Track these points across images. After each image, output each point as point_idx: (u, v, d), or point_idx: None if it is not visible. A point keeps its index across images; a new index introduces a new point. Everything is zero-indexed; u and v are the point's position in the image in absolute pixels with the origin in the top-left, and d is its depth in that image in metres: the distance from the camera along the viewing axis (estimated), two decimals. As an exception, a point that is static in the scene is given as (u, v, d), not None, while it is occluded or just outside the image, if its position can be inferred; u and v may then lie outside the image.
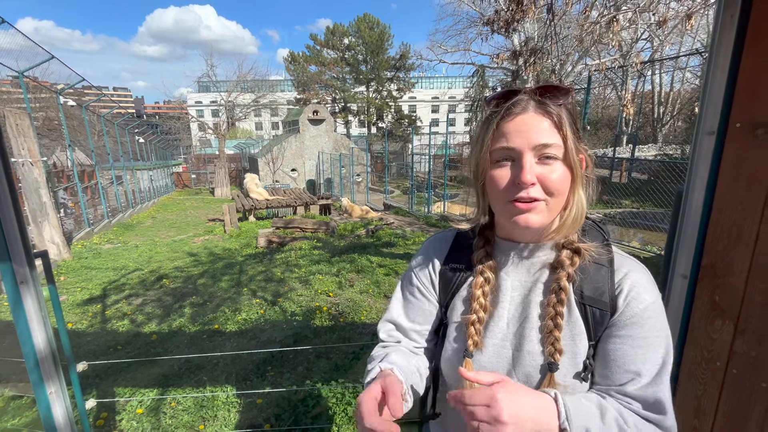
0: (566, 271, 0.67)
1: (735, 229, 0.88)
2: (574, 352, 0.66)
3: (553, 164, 0.62)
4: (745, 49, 0.83)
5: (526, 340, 0.69)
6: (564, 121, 0.62)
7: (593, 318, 0.66)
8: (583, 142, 0.67)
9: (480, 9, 11.94)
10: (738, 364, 0.92)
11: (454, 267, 0.78)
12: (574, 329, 0.67)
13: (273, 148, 20.65)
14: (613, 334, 0.65)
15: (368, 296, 4.66)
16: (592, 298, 0.66)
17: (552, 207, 0.64)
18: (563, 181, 0.63)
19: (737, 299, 0.90)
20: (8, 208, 1.13)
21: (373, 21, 34.83)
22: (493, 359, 0.71)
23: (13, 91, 18.08)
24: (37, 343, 1.25)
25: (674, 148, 13.38)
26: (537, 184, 0.62)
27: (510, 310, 0.72)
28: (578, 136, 0.66)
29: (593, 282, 0.67)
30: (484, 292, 0.72)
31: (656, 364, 0.64)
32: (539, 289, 0.70)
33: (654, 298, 0.65)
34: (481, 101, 0.88)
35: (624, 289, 0.65)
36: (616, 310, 0.65)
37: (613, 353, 0.65)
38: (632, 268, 0.68)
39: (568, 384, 0.66)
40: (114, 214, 11.24)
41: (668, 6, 7.04)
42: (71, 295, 5.06)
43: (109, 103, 19.51)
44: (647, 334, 0.64)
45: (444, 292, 0.78)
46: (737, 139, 0.87)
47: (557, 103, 0.63)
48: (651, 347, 0.64)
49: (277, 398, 2.69)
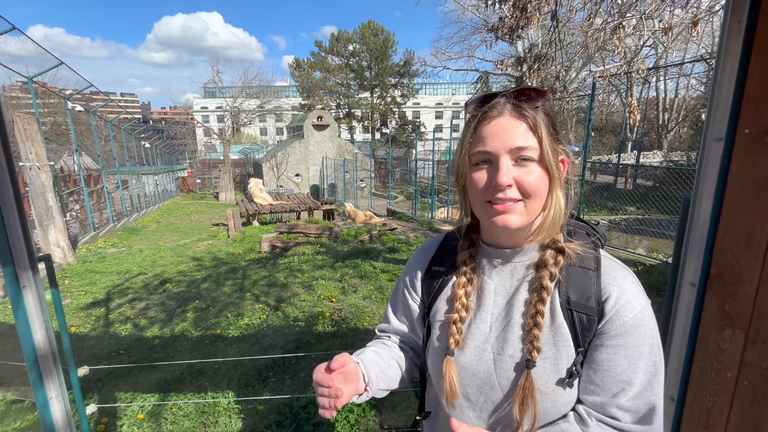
0: (549, 270, 0.66)
1: (744, 237, 0.87)
2: (557, 358, 0.65)
3: (530, 166, 0.63)
4: (753, 55, 0.82)
5: (508, 343, 0.69)
6: (539, 123, 0.63)
7: (580, 324, 0.65)
8: (563, 144, 0.67)
9: (484, 16, 12.00)
10: (749, 375, 0.90)
11: (438, 268, 0.80)
12: (557, 335, 0.66)
13: (277, 154, 20.75)
14: (603, 344, 0.64)
15: (371, 302, 4.64)
16: (579, 303, 0.65)
17: (530, 208, 0.65)
18: (540, 182, 0.64)
19: (747, 308, 0.88)
20: (12, 212, 1.13)
21: (377, 28, 35.10)
22: (474, 361, 0.71)
23: (23, 97, 18.35)
24: (38, 346, 1.24)
25: (680, 155, 13.29)
26: (514, 186, 0.63)
27: (493, 314, 0.72)
28: (557, 138, 0.66)
29: (579, 286, 0.66)
30: (466, 292, 0.73)
31: (648, 372, 0.63)
32: (523, 293, 0.70)
33: (643, 305, 0.64)
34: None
35: (612, 295, 0.64)
36: (604, 315, 0.64)
37: (604, 363, 0.64)
38: (619, 273, 0.67)
39: (549, 390, 0.65)
40: (119, 218, 11.31)
41: (672, 13, 7.04)
42: (75, 298, 5.07)
43: (116, 108, 19.72)
44: (637, 342, 0.63)
45: (428, 292, 0.81)
46: (746, 145, 0.85)
47: (533, 105, 0.63)
48: (642, 356, 0.63)
49: (278, 405, 2.67)
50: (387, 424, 2.46)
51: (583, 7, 5.63)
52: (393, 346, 0.88)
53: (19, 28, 6.16)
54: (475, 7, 12.44)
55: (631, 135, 17.05)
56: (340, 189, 19.01)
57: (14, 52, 6.55)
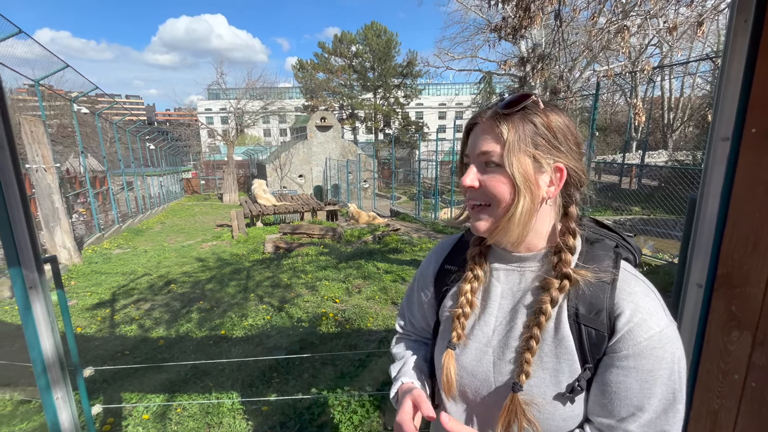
0: (551, 294, 0.64)
1: (752, 237, 0.86)
2: (557, 370, 0.63)
3: (492, 171, 0.64)
4: (760, 53, 0.82)
5: (509, 349, 0.68)
6: (509, 130, 0.61)
7: (588, 339, 0.62)
8: (560, 152, 0.63)
9: (487, 16, 11.98)
10: (757, 378, 0.89)
11: (450, 266, 0.81)
12: (560, 348, 0.63)
13: (281, 155, 20.82)
14: (614, 364, 0.60)
15: (375, 303, 4.63)
16: (588, 317, 0.62)
17: (494, 213, 0.65)
18: (498, 187, 0.63)
19: (755, 310, 0.87)
20: (19, 214, 1.14)
21: (380, 29, 35.13)
22: (474, 362, 0.71)
23: (29, 99, 18.55)
24: (44, 348, 1.25)
25: (685, 154, 13.18)
26: (480, 189, 0.65)
27: (498, 318, 0.71)
28: (553, 145, 0.63)
29: (589, 300, 0.63)
30: (472, 288, 0.73)
31: (663, 400, 0.59)
32: (528, 300, 0.68)
33: (662, 326, 0.59)
34: None
35: (625, 312, 0.60)
36: (615, 332, 0.60)
37: (613, 385, 0.61)
38: (636, 289, 0.62)
39: (548, 402, 0.63)
40: (124, 219, 11.38)
41: (678, 12, 7.00)
42: (81, 299, 5.11)
43: (122, 110, 19.93)
44: (653, 366, 0.59)
45: (438, 289, 0.82)
46: (753, 145, 0.84)
47: (509, 112, 0.63)
48: (658, 381, 0.59)
49: (282, 405, 2.67)
50: (391, 425, 2.46)
51: (587, 6, 5.60)
52: (421, 347, 0.91)
53: (26, 32, 6.21)
54: (478, 8, 12.43)
55: (636, 135, 16.94)
56: (343, 190, 19.04)
57: (21, 56, 6.62)
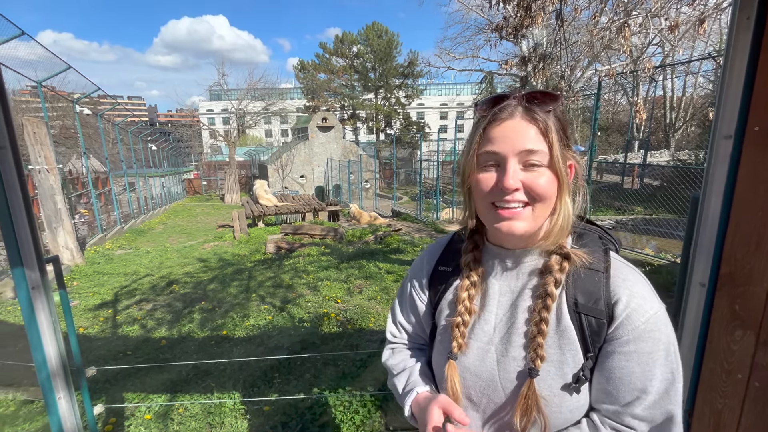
0: (554, 276, 0.65)
1: (755, 236, 0.85)
2: (561, 361, 0.64)
3: (539, 170, 0.62)
4: (762, 51, 0.81)
5: (512, 345, 0.68)
6: (551, 128, 0.61)
7: (589, 327, 0.63)
8: (572, 150, 0.66)
9: (488, 16, 11.97)
10: (761, 377, 0.88)
11: (444, 269, 0.80)
12: (563, 339, 0.64)
13: (282, 155, 20.84)
14: (615, 350, 0.62)
15: (376, 303, 4.63)
16: (587, 306, 0.64)
17: (537, 213, 0.63)
18: (549, 186, 0.62)
19: (758, 309, 0.86)
20: (21, 215, 1.15)
21: (381, 29, 35.14)
22: (477, 362, 0.70)
23: (32, 101, 18.62)
24: (47, 348, 1.26)
25: (688, 154, 13.14)
26: (521, 190, 0.62)
27: (498, 315, 0.71)
28: (566, 143, 0.65)
29: (587, 289, 0.64)
30: (470, 295, 0.72)
31: (664, 380, 0.61)
32: (527, 294, 0.69)
33: (656, 308, 0.62)
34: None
35: (622, 298, 0.62)
36: (614, 319, 0.62)
37: (616, 371, 0.62)
38: (630, 276, 0.65)
39: (555, 395, 0.64)
40: (126, 220, 11.41)
41: (679, 11, 6.97)
42: (83, 299, 5.13)
43: (124, 111, 19.98)
44: (651, 348, 0.61)
45: (433, 294, 0.80)
46: (756, 143, 0.84)
47: (545, 109, 0.62)
48: (657, 362, 0.61)
49: (284, 405, 2.67)
50: (393, 425, 2.45)
51: (588, 5, 5.59)
52: (418, 354, 0.87)
53: (29, 34, 6.24)
54: (479, 7, 12.41)
55: (637, 134, 16.89)
56: (344, 190, 19.04)
57: (24, 57, 6.65)
